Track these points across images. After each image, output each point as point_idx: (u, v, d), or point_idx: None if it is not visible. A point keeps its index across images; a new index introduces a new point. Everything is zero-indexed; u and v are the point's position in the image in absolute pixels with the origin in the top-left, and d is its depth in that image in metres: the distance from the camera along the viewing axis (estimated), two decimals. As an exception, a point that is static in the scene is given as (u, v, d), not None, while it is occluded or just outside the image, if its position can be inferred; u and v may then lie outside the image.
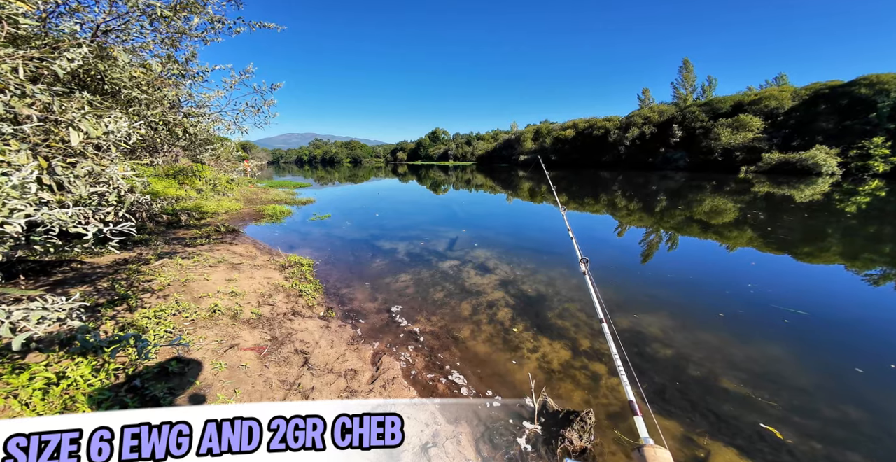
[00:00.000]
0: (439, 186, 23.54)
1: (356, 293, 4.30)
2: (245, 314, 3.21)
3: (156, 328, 2.51)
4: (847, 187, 18.03)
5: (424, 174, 41.29)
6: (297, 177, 35.69)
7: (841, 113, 28.16)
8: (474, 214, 11.34)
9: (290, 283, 4.31)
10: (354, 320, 3.54)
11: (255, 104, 2.91)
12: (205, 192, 5.62)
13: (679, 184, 21.00)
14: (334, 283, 4.68)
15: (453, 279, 4.83)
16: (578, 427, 2.03)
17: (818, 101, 29.84)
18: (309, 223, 9.22)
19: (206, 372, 2.25)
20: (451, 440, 1.94)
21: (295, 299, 3.83)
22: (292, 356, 2.62)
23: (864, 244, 6.78)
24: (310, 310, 3.65)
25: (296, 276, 4.64)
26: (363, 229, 8.47)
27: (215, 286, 3.74)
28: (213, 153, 3.69)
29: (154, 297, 3.15)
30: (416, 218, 10.18)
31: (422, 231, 8.10)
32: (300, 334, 3.00)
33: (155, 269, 3.94)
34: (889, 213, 10.75)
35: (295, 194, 15.94)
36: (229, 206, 10.15)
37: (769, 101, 32.15)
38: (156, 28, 2.48)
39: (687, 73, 43.95)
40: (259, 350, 2.62)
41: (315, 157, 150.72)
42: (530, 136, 59.59)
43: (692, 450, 2.06)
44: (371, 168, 72.63)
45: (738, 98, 34.99)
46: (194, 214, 8.10)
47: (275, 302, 3.65)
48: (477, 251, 6.20)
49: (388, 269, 5.27)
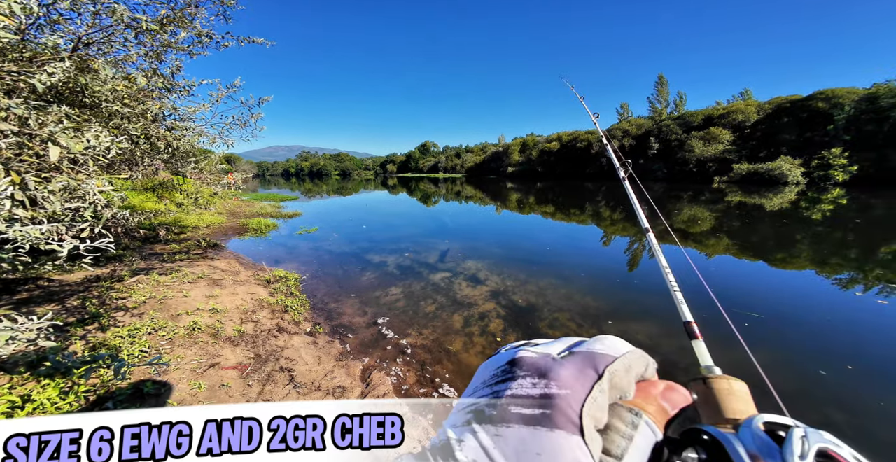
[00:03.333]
0: (430, 198, 23.66)
1: (345, 308, 4.20)
2: (227, 332, 3.07)
3: (130, 348, 2.37)
4: (812, 196, 19.18)
5: (415, 186, 41.50)
6: (283, 190, 35.21)
7: (802, 125, 30.30)
8: (465, 225, 11.40)
9: (275, 298, 4.18)
10: (343, 335, 3.44)
11: (241, 117, 2.89)
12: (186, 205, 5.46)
13: (658, 194, 21.85)
14: (322, 297, 4.57)
15: (444, 291, 4.79)
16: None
17: (781, 115, 32.06)
18: (295, 237, 9.04)
19: (184, 392, 2.12)
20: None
21: (280, 315, 3.71)
22: (277, 374, 2.51)
23: (831, 250, 7.17)
24: (296, 326, 3.53)
25: (281, 291, 4.51)
26: (352, 242, 8.36)
27: (195, 303, 3.58)
28: (195, 166, 3.62)
29: (128, 316, 2.99)
30: (406, 230, 10.13)
31: (412, 243, 8.06)
32: (286, 351, 2.89)
33: (129, 286, 3.76)
34: (851, 220, 11.47)
35: (281, 207, 15.67)
36: (211, 220, 9.87)
37: (736, 114, 34.30)
38: (140, 41, 2.46)
39: (662, 87, 46.59)
40: (241, 369, 2.50)
41: (302, 170, 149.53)
42: (517, 148, 61.34)
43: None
44: (360, 180, 72.53)
45: (708, 112, 37.20)
46: (173, 229, 7.82)
47: (259, 318, 3.52)
48: (468, 262, 6.20)
49: (377, 283, 5.19)
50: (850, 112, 27.64)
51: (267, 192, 28.42)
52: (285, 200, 20.17)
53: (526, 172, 54.88)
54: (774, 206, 15.10)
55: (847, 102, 27.90)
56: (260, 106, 2.92)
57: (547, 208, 14.88)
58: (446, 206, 18.75)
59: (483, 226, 11.42)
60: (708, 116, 36.24)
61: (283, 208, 15.30)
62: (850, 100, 27.91)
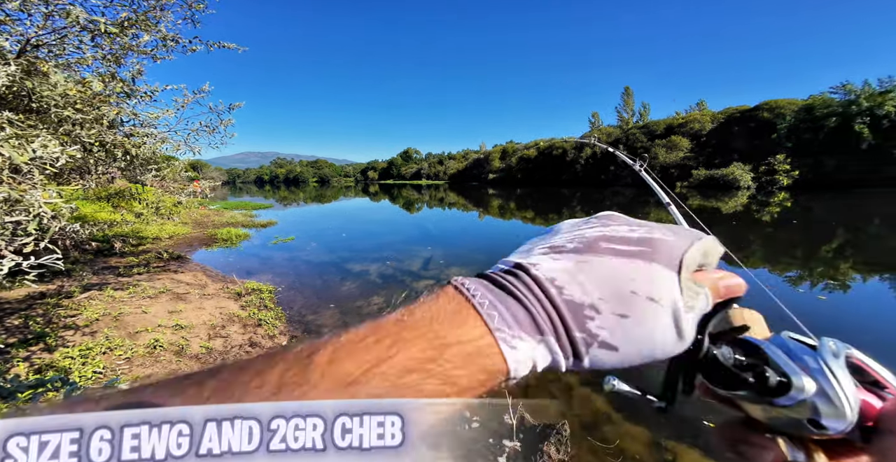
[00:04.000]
0: (413, 205, 23.59)
1: (324, 319, 4.07)
2: (193, 349, 2.89)
3: (82, 369, 2.17)
4: (761, 199, 20.96)
5: (397, 193, 41.20)
6: (256, 198, 33.82)
7: (750, 134, 33.21)
8: (448, 232, 11.45)
9: (247, 312, 3.98)
10: (320, 347, 3.33)
11: (210, 124, 2.78)
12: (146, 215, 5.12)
13: (628, 199, 23.06)
14: (299, 309, 4.40)
15: (427, 298, 4.76)
16: (555, 440, 2.04)
17: (732, 124, 35.02)
18: (269, 247, 8.68)
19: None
20: (429, 468, 1.85)
21: (253, 329, 3.53)
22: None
23: (779, 249, 7.84)
24: (271, 340, 3.38)
25: (254, 304, 4.30)
26: (331, 251, 8.14)
27: (155, 319, 3.34)
28: (156, 174, 3.43)
29: (79, 334, 2.73)
30: (388, 238, 10.01)
31: (395, 251, 7.96)
32: (259, 367, 2.76)
33: (80, 303, 3.45)
34: (795, 220, 12.63)
35: (254, 216, 15.04)
36: (174, 230, 9.29)
37: (694, 124, 37.10)
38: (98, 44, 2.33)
39: (628, 98, 49.60)
40: (210, 388, 2.35)
41: (277, 177, 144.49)
42: (497, 155, 62.83)
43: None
44: (340, 188, 71.04)
45: (669, 121, 40.00)
46: (131, 241, 7.28)
47: (229, 333, 3.34)
48: (451, 269, 6.21)
49: (359, 293, 5.08)
50: (790, 121, 30.68)
51: (238, 200, 27.20)
52: (258, 209, 19.39)
53: (506, 179, 56.20)
54: (729, 208, 16.36)
55: (788, 112, 30.99)
56: (231, 112, 2.82)
57: (527, 214, 15.27)
58: (430, 212, 18.77)
59: (466, 232, 11.52)
60: (669, 125, 38.96)
61: (256, 217, 14.69)
62: (791, 110, 31.01)
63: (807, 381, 0.23)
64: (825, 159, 28.77)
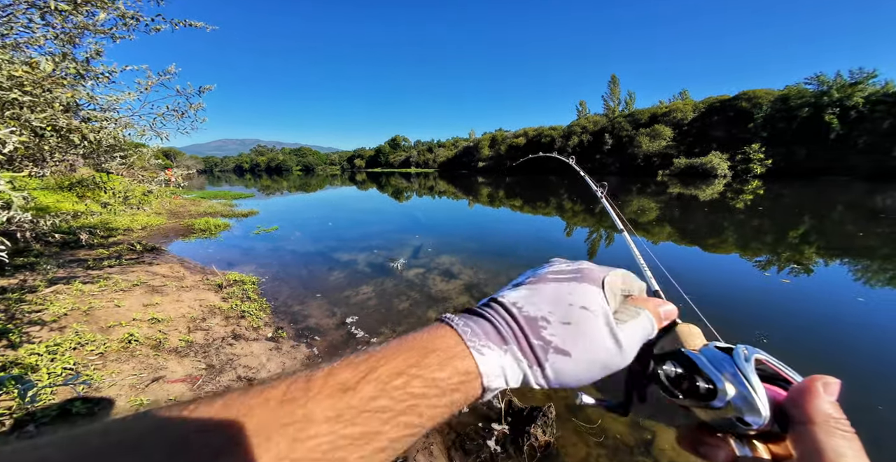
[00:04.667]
0: (402, 194, 23.24)
1: (311, 310, 3.99)
2: (171, 342, 2.78)
3: (50, 365, 2.04)
4: (736, 187, 21.79)
5: (385, 182, 40.40)
6: (236, 187, 32.50)
7: (729, 123, 34.15)
8: (438, 221, 11.36)
9: (229, 304, 3.85)
10: (310, 339, 3.27)
11: (178, 108, 2.56)
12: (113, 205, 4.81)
13: (612, 186, 23.50)
14: (285, 300, 4.30)
15: (418, 287, 4.74)
16: (542, 422, 2.09)
17: (712, 113, 35.85)
18: (252, 237, 8.40)
19: (123, 410, 1.88)
20: (422, 452, 1.87)
21: (236, 321, 3.43)
22: (234, 384, 2.32)
23: (751, 235, 8.21)
24: (255, 331, 3.29)
25: (236, 295, 4.17)
26: (317, 241, 7.95)
27: (129, 313, 3.19)
28: (122, 161, 3.18)
29: (46, 330, 2.57)
30: (377, 227, 9.85)
31: (384, 240, 7.85)
32: (244, 359, 2.69)
33: (46, 298, 3.24)
34: (767, 208, 13.24)
35: (233, 206, 14.47)
36: (147, 221, 8.83)
37: (676, 113, 37.75)
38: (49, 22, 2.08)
39: (614, 87, 49.72)
40: (191, 381, 2.28)
41: (258, 166, 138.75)
42: (487, 143, 62.33)
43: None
44: (325, 176, 69.02)
45: (654, 110, 40.54)
46: (99, 232, 6.86)
47: (210, 326, 3.23)
48: (441, 257, 6.18)
49: (346, 282, 5.00)
50: (766, 111, 31.67)
51: (216, 189, 26.08)
52: (239, 198, 18.66)
53: (496, 167, 56.08)
54: (707, 196, 16.94)
55: (765, 102, 31.93)
56: (201, 95, 2.60)
57: (516, 202, 15.33)
58: (419, 201, 18.55)
59: (456, 220, 11.47)
60: (653, 114, 39.50)
61: (237, 207, 14.14)
62: (768, 100, 31.96)
63: (728, 385, 0.28)
64: (797, 148, 30.06)
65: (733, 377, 0.28)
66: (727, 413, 0.28)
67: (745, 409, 0.27)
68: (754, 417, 0.26)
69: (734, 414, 0.27)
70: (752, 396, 0.26)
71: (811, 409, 0.25)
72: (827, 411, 0.25)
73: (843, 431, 0.23)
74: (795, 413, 0.25)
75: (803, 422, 0.25)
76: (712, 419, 0.29)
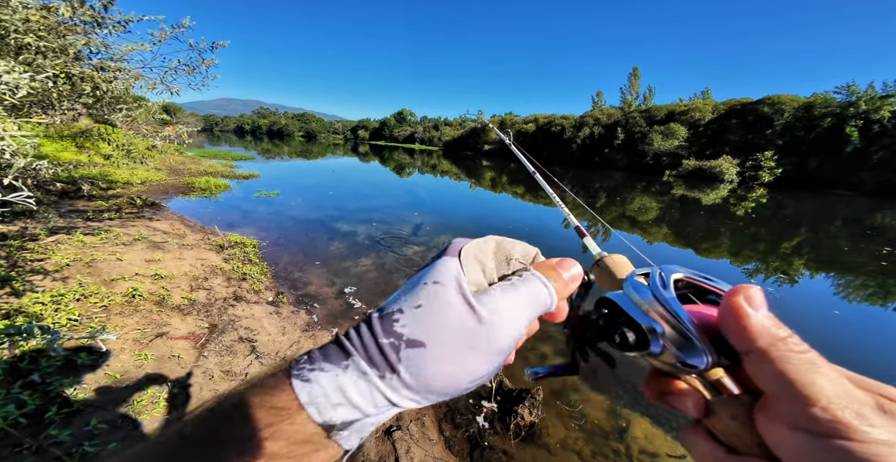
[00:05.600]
0: (404, 169, 22.90)
1: (311, 277, 4.04)
2: (174, 300, 2.82)
3: (54, 316, 2.08)
4: (740, 193, 21.65)
5: (388, 156, 39.61)
6: (236, 148, 31.73)
7: (747, 127, 33.28)
8: (440, 200, 11.30)
9: (230, 265, 3.88)
10: (309, 306, 3.34)
11: (190, 63, 2.43)
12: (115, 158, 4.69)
13: (617, 183, 23.25)
14: (285, 266, 4.34)
15: (418, 265, 4.78)
16: (529, 404, 2.19)
17: (731, 116, 34.82)
18: (253, 200, 8.33)
19: (127, 364, 1.95)
20: (415, 423, 1.97)
21: (237, 283, 3.47)
22: (236, 345, 2.40)
23: (744, 242, 8.27)
24: (256, 294, 3.34)
25: (237, 257, 4.19)
26: (318, 209, 7.91)
27: (132, 267, 3.21)
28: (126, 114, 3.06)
29: (48, 280, 2.59)
30: (378, 201, 9.80)
31: (384, 214, 7.84)
32: (245, 321, 2.75)
33: (47, 247, 3.24)
34: (766, 216, 13.24)
35: (234, 167, 14.20)
36: (147, 175, 8.68)
37: (695, 112, 36.62)
38: None
39: (634, 79, 47.77)
40: (195, 339, 2.34)
41: (259, 128, 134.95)
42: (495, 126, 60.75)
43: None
44: (328, 145, 67.49)
45: (671, 108, 39.29)
46: (100, 184, 6.75)
47: (212, 286, 3.27)
48: (441, 237, 6.21)
49: (347, 253, 5.03)
50: (787, 118, 30.78)
51: (216, 149, 25.48)
52: (239, 160, 18.30)
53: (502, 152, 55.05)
54: (709, 200, 16.87)
55: (787, 109, 30.94)
56: (214, 51, 2.46)
57: (518, 189, 15.18)
58: (421, 178, 18.36)
59: (458, 201, 11.42)
60: (670, 112, 38.28)
61: (237, 168, 13.89)
62: (791, 107, 30.96)
63: (655, 324, 0.23)
64: (810, 159, 29.58)
65: (658, 312, 0.23)
66: (670, 357, 0.23)
67: (681, 348, 0.22)
68: (694, 357, 0.22)
69: (675, 359, 0.23)
70: (680, 330, 0.22)
71: (748, 334, 0.20)
72: (768, 332, 0.20)
73: (797, 353, 0.19)
74: (737, 342, 0.21)
75: (747, 351, 0.20)
76: (664, 366, 0.25)
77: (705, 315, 0.22)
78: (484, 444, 1.96)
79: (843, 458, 0.17)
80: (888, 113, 26.30)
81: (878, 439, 0.17)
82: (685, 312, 0.22)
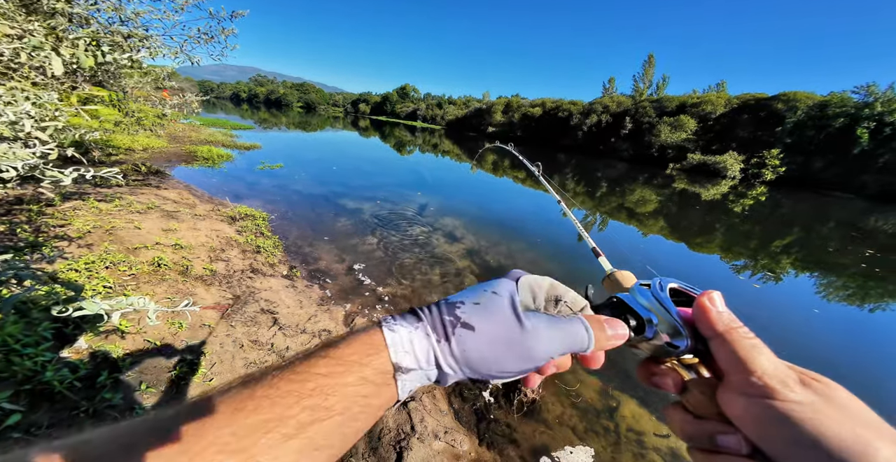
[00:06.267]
0: (404, 147, 22.51)
1: (320, 253, 4.15)
2: (196, 270, 2.92)
3: (89, 283, 2.17)
4: (740, 190, 21.68)
5: (389, 132, 38.64)
6: (232, 116, 30.69)
7: (757, 123, 32.60)
8: (441, 180, 11.26)
9: (244, 237, 3.96)
10: (322, 281, 3.47)
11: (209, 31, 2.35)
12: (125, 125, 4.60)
13: (620, 173, 23.10)
14: (295, 240, 4.43)
15: (423, 245, 4.90)
16: (532, 380, 2.38)
17: (743, 111, 33.97)
18: (256, 172, 8.25)
19: (163, 331, 2.08)
20: (427, 395, 2.16)
21: (252, 256, 3.57)
22: (259, 316, 2.53)
23: (737, 239, 8.45)
24: (271, 268, 3.45)
25: (249, 230, 4.26)
26: (322, 184, 7.89)
27: (151, 236, 3.28)
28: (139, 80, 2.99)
29: (74, 246, 2.66)
30: (381, 179, 9.77)
31: (388, 192, 7.87)
32: (264, 294, 2.87)
33: (65, 213, 3.27)
34: (762, 214, 13.41)
35: (234, 136, 13.87)
36: (147, 142, 8.49)
37: (706, 105, 35.64)
38: None
39: (649, 67, 45.91)
40: (221, 309, 2.46)
41: (257, 96, 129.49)
42: (500, 108, 58.67)
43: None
44: (327, 117, 65.42)
45: (683, 99, 38.13)
46: (105, 149, 6.62)
47: (229, 258, 3.37)
48: (445, 219, 6.29)
49: (354, 230, 5.11)
50: (800, 116, 30.10)
51: (213, 116, 24.66)
52: (238, 129, 17.81)
53: (506, 134, 53.79)
54: (709, 196, 16.93)
55: (802, 107, 30.15)
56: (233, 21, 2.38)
57: (519, 173, 15.08)
58: (421, 157, 18.12)
59: (459, 183, 11.38)
60: (682, 104, 37.22)
61: (237, 138, 13.57)
62: (806, 105, 30.17)
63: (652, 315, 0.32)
64: (815, 159, 29.36)
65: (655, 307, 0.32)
66: (659, 340, 0.31)
67: (669, 333, 0.31)
68: (678, 339, 0.30)
69: (664, 341, 0.31)
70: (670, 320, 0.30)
71: (710, 322, 0.28)
72: (725, 321, 0.28)
73: (746, 338, 0.27)
74: (703, 330, 0.29)
75: (711, 336, 0.28)
76: (653, 351, 0.33)
77: (688, 313, 0.31)
78: (489, 417, 2.15)
79: (768, 412, 0.24)
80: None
81: (794, 400, 0.24)
82: (674, 307, 0.31)
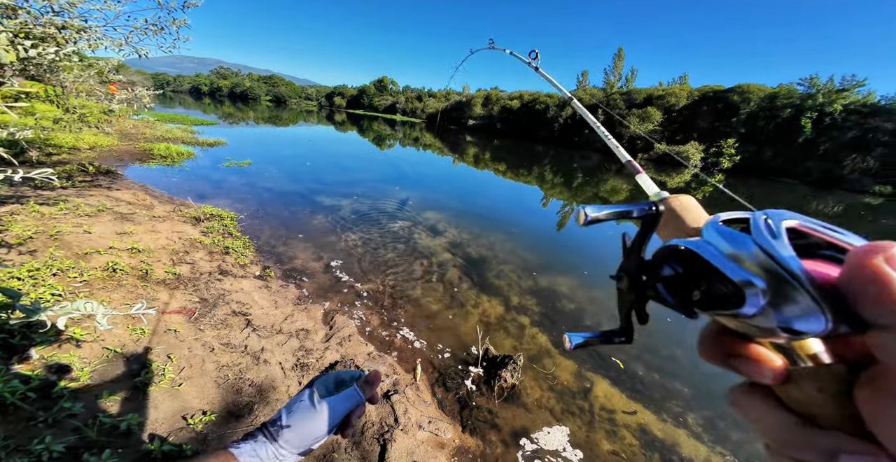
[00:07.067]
0: (384, 141, 22.04)
1: (296, 252, 4.02)
2: (158, 274, 2.75)
3: (34, 291, 1.99)
4: (701, 178, 23.10)
5: (367, 126, 37.58)
6: (192, 111, 28.70)
7: (716, 115, 34.69)
8: (423, 175, 11.15)
9: (210, 238, 3.76)
10: (298, 280, 3.37)
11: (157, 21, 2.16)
12: (66, 122, 4.18)
13: (594, 164, 23.90)
14: (267, 240, 4.25)
15: (404, 240, 4.86)
16: (511, 368, 2.45)
17: (703, 103, 36.01)
18: (222, 169, 7.81)
19: (124, 338, 1.94)
20: (410, 387, 2.17)
21: (221, 257, 3.40)
22: (231, 318, 2.43)
23: None
24: (242, 269, 3.31)
25: (216, 230, 4.05)
26: (296, 181, 7.60)
27: (103, 241, 3.04)
28: (79, 74, 2.72)
29: (14, 253, 2.42)
30: (359, 174, 9.54)
31: (366, 188, 7.70)
32: (235, 295, 2.75)
33: (2, 218, 2.95)
34: (721, 201, 14.37)
35: (195, 132, 13.01)
36: (95, 140, 7.80)
37: (671, 97, 37.45)
38: None
39: (619, 60, 47.29)
40: (188, 313, 2.34)
41: (220, 90, 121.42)
42: (480, 101, 58.79)
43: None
44: (300, 111, 62.61)
45: (651, 91, 39.81)
46: (44, 148, 6.00)
47: (195, 260, 3.19)
48: (426, 213, 6.26)
49: (331, 227, 4.98)
50: (752, 108, 32.35)
51: (171, 112, 22.98)
52: (200, 125, 16.72)
53: (486, 127, 53.91)
54: (674, 184, 17.93)
55: (754, 98, 32.40)
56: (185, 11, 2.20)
57: (500, 166, 15.23)
58: (402, 151, 17.83)
59: (441, 177, 11.33)
60: (649, 96, 38.85)
61: (199, 134, 12.73)
62: (758, 96, 32.43)
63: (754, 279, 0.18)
64: (766, 148, 31.74)
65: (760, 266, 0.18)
66: (765, 321, 0.18)
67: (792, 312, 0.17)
68: (808, 324, 0.17)
69: (776, 322, 0.18)
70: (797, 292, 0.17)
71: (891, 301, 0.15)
72: None
73: None
74: (871, 313, 0.16)
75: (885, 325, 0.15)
76: (746, 329, 0.20)
77: (820, 273, 0.17)
78: (472, 404, 2.20)
79: None
80: (840, 106, 28.34)
81: None
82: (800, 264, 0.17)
